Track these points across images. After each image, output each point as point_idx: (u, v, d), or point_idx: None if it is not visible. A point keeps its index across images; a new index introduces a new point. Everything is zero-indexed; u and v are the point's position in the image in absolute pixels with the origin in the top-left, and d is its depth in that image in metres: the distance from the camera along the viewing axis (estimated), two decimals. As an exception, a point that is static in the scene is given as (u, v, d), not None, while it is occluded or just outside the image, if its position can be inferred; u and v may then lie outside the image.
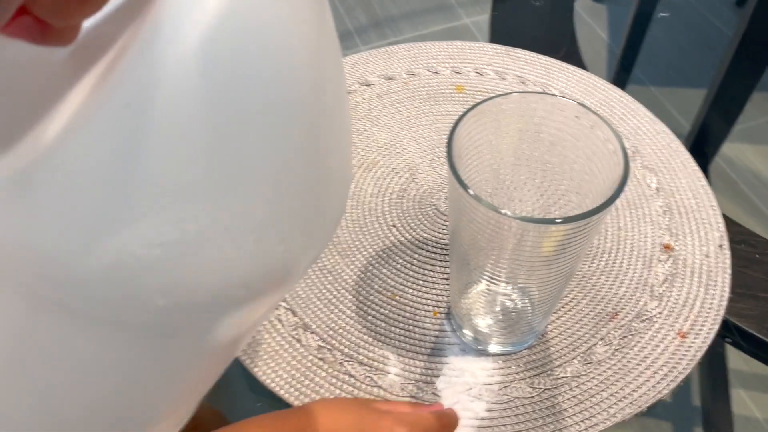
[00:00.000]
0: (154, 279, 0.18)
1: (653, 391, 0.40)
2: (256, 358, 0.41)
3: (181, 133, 0.17)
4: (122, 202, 0.17)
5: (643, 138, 0.53)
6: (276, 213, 0.20)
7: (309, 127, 0.20)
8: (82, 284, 0.18)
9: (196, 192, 0.18)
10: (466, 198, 0.32)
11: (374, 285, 0.45)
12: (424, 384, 0.41)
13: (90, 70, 0.18)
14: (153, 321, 0.19)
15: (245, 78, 0.18)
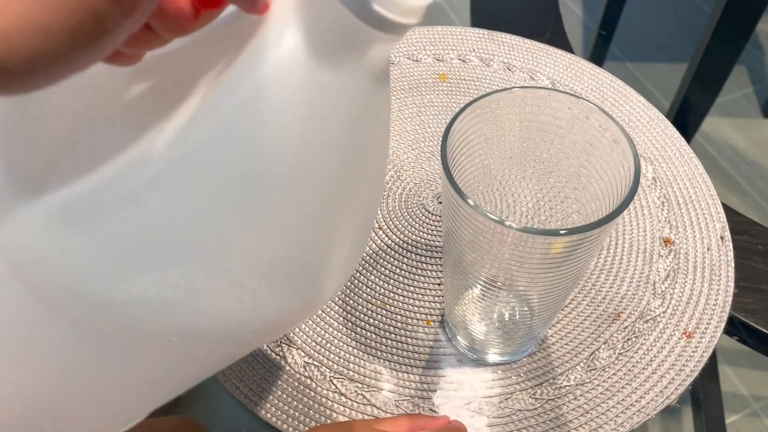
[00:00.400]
0: (171, 318, 0.20)
1: (661, 396, 0.38)
2: (237, 380, 0.38)
3: (222, 195, 0.19)
4: (165, 244, 0.19)
5: (636, 125, 0.51)
6: (293, 272, 0.22)
7: (335, 204, 0.22)
8: (106, 305, 0.19)
9: (227, 249, 0.20)
10: (464, 207, 0.29)
11: (362, 294, 0.42)
12: (420, 399, 0.38)
13: (152, 118, 0.19)
14: (160, 350, 0.22)
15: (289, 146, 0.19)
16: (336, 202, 0.22)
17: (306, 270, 0.23)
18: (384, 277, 0.43)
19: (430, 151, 0.50)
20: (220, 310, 0.21)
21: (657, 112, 0.52)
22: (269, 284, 0.21)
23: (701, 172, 0.48)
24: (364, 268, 0.43)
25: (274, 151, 0.19)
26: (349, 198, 0.22)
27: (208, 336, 0.22)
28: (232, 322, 0.22)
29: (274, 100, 0.19)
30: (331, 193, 0.21)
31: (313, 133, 0.20)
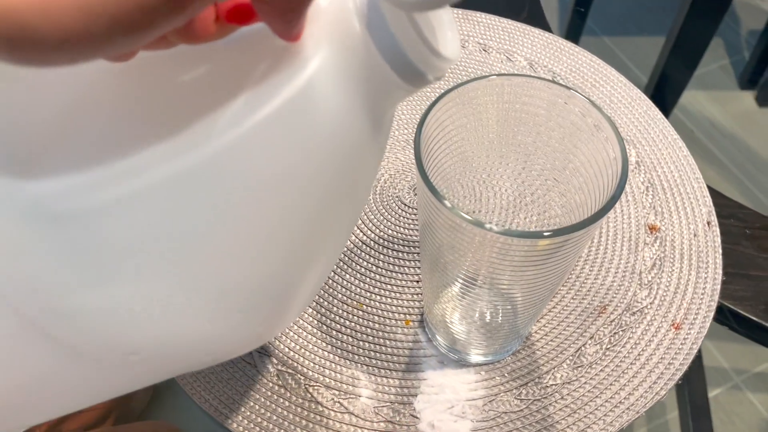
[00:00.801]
0: (131, 335, 0.20)
1: (650, 392, 0.37)
2: (206, 392, 0.36)
3: (215, 219, 0.19)
4: (146, 260, 0.19)
5: (617, 106, 0.49)
6: (270, 297, 0.22)
7: (304, 236, 0.21)
8: (71, 314, 0.19)
9: (210, 273, 0.20)
10: (440, 208, 0.27)
11: (336, 295, 0.40)
12: (400, 405, 0.36)
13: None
14: (118, 362, 0.21)
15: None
16: (319, 231, 0.22)
17: (282, 295, 0.22)
18: (360, 276, 0.41)
19: (405, 140, 0.48)
20: (190, 331, 0.21)
21: (639, 92, 0.50)
22: (244, 308, 0.21)
23: (686, 154, 0.46)
24: (339, 267, 0.41)
25: (274, 180, 0.19)
26: (331, 228, 0.22)
27: (163, 358, 0.21)
28: (198, 343, 0.21)
29: (287, 128, 0.19)
30: (316, 224, 0.21)
31: (314, 168, 0.20)
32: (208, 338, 0.22)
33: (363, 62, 0.19)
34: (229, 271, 0.20)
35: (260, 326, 0.23)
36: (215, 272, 0.20)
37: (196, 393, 0.36)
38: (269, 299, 0.22)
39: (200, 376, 0.37)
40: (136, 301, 0.19)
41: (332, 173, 0.21)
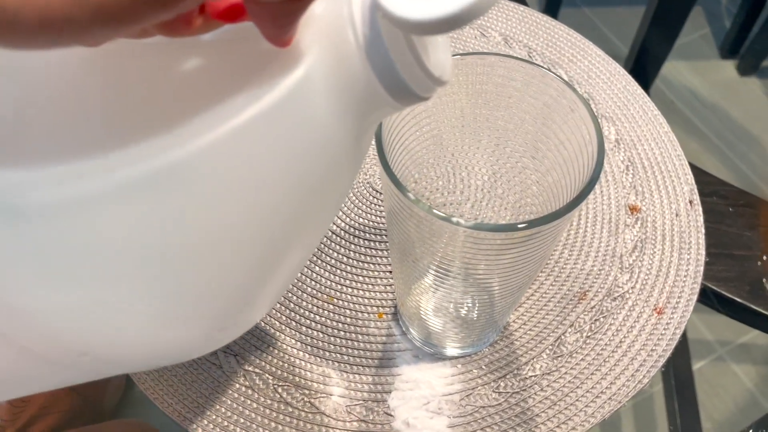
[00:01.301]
0: (84, 337, 0.19)
1: (632, 381, 0.35)
2: (169, 396, 0.34)
3: (188, 226, 0.18)
4: (92, 266, 0.18)
5: (596, 82, 0.47)
6: (233, 306, 0.21)
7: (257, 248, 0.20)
8: (23, 312, 0.18)
9: (174, 279, 0.19)
10: (405, 201, 0.25)
11: (306, 288, 0.38)
12: (373, 403, 0.35)
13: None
14: (69, 361, 0.20)
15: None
16: (286, 240, 0.21)
17: (245, 301, 0.22)
18: (330, 268, 0.39)
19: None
20: (147, 335, 0.20)
21: (617, 66, 0.48)
22: (205, 314, 0.20)
23: (666, 130, 0.45)
24: (308, 259, 0.39)
25: (245, 187, 0.18)
26: (299, 237, 0.21)
27: (124, 357, 0.21)
28: (156, 347, 0.21)
29: (266, 135, 0.18)
30: (284, 233, 0.21)
31: (290, 176, 0.19)
32: (167, 342, 0.21)
33: (353, 75, 0.18)
34: (193, 278, 0.19)
35: (221, 331, 0.22)
36: (177, 278, 0.19)
37: (158, 397, 0.34)
38: (232, 304, 0.21)
39: (162, 380, 0.35)
40: (92, 303, 0.18)
41: (309, 183, 0.20)
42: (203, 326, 0.21)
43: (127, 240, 0.18)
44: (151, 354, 0.21)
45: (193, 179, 0.18)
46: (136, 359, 0.21)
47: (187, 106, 0.18)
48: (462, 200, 0.39)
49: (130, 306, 0.19)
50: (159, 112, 0.18)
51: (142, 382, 0.35)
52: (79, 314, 0.19)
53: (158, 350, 0.21)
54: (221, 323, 0.22)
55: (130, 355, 0.21)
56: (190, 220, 0.18)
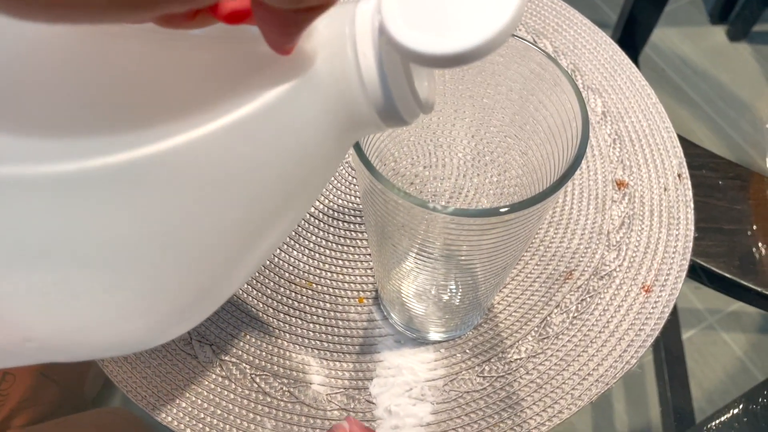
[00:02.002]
0: (30, 324, 0.19)
1: (620, 362, 0.35)
2: (142, 389, 0.33)
3: (157, 218, 0.18)
4: (49, 252, 0.17)
5: (582, 52, 0.46)
6: (198, 298, 0.20)
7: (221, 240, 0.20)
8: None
9: (139, 267, 0.18)
10: (378, 186, 0.24)
11: (283, 274, 0.37)
12: (355, 391, 0.34)
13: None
14: (14, 348, 0.20)
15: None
16: (251, 239, 0.21)
17: (204, 299, 0.21)
18: (308, 252, 0.38)
19: (354, 98, 0.44)
20: (100, 325, 0.19)
21: (604, 35, 0.46)
22: (162, 310, 0.20)
23: (654, 101, 0.43)
24: (285, 244, 0.38)
25: (217, 186, 0.18)
26: (265, 236, 0.21)
27: (74, 345, 0.20)
28: (109, 338, 0.20)
29: (256, 136, 0.18)
30: (251, 232, 0.20)
31: (267, 178, 0.19)
32: (119, 332, 0.20)
33: (347, 93, 0.19)
34: (157, 269, 0.19)
35: (177, 325, 0.22)
36: (141, 269, 0.19)
37: (131, 390, 0.33)
38: (192, 299, 0.21)
39: (136, 372, 0.34)
40: (48, 288, 0.18)
41: (284, 185, 0.20)
42: (160, 317, 0.20)
43: (93, 227, 0.17)
44: (103, 343, 0.21)
45: (170, 172, 0.17)
46: (86, 347, 0.21)
47: (180, 98, 0.18)
48: (444, 176, 0.37)
49: (88, 294, 0.18)
50: (149, 102, 0.17)
51: (115, 375, 0.34)
52: (31, 299, 0.18)
53: (109, 340, 0.20)
54: (178, 316, 0.21)
55: (80, 342, 0.20)
56: (161, 212, 0.18)
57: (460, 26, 0.16)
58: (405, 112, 0.19)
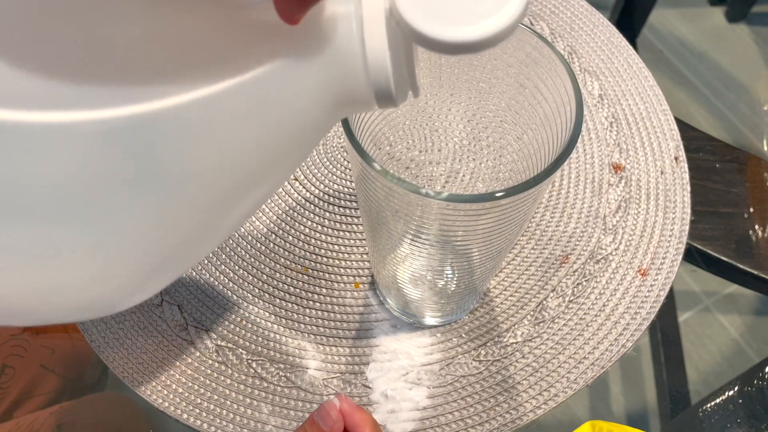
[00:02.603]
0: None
1: (616, 345, 0.35)
2: (139, 375, 0.33)
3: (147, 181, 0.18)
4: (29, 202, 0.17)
5: (579, 35, 0.45)
6: (130, 263, 0.20)
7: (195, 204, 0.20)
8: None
9: (123, 228, 0.18)
10: (371, 172, 0.24)
11: (279, 259, 0.37)
12: (351, 376, 0.34)
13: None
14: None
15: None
16: (235, 204, 0.21)
17: (179, 260, 0.21)
18: (304, 237, 0.38)
19: (349, 82, 0.44)
20: (81, 284, 0.19)
21: (601, 17, 0.46)
22: (139, 272, 0.20)
23: (652, 84, 0.43)
24: (281, 228, 0.38)
25: (206, 151, 0.18)
26: (241, 207, 0.21)
27: (41, 307, 0.20)
28: (74, 299, 0.20)
29: (252, 100, 0.18)
30: (228, 202, 0.20)
31: (260, 142, 0.19)
32: (94, 294, 0.20)
33: (347, 70, 0.19)
34: (132, 230, 0.19)
35: (149, 286, 0.21)
36: (117, 227, 0.18)
37: (128, 376, 0.33)
38: (163, 261, 0.20)
39: (132, 357, 0.34)
40: (17, 247, 0.17)
41: (269, 155, 0.20)
42: (136, 276, 0.20)
43: (78, 183, 0.17)
44: (75, 304, 0.20)
45: (158, 131, 0.17)
46: (56, 310, 0.20)
47: (181, 58, 0.17)
48: (440, 161, 0.37)
49: (68, 252, 0.18)
50: (149, 60, 0.17)
51: (111, 361, 0.34)
52: (5, 257, 0.18)
53: (81, 301, 0.20)
54: (152, 276, 0.21)
55: (52, 305, 0.20)
56: (144, 170, 0.18)
57: (474, 13, 0.17)
58: (400, 95, 0.20)
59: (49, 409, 0.46)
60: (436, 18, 0.17)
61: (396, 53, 0.19)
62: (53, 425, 0.47)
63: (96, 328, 0.35)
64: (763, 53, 1.29)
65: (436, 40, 0.17)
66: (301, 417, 0.33)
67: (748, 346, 1.00)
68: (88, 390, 0.57)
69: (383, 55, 0.18)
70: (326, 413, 0.27)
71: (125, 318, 0.35)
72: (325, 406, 0.27)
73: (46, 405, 0.51)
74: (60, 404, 0.47)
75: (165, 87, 0.17)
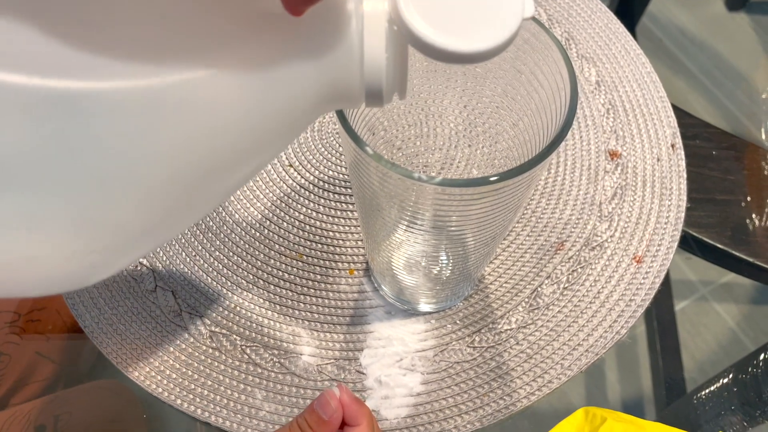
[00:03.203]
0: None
1: (610, 332, 0.35)
2: (133, 361, 0.33)
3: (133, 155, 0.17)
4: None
5: (577, 20, 0.45)
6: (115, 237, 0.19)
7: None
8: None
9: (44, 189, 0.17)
10: (366, 157, 0.24)
11: (273, 246, 0.37)
12: (345, 362, 0.34)
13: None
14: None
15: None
16: (215, 185, 0.20)
17: (153, 234, 0.20)
18: (298, 224, 0.37)
19: (344, 68, 0.43)
20: (57, 256, 0.19)
21: (599, 3, 0.46)
22: (116, 247, 0.19)
23: (649, 71, 0.43)
24: (275, 215, 0.38)
25: (207, 129, 0.18)
26: (224, 185, 0.21)
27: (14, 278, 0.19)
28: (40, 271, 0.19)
29: (246, 84, 0.18)
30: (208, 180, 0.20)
31: (249, 123, 0.19)
32: (68, 266, 0.19)
33: (343, 66, 0.19)
34: (111, 203, 0.18)
35: (119, 264, 0.21)
36: (96, 199, 0.18)
37: (122, 362, 0.33)
38: (138, 235, 0.20)
39: (126, 344, 0.34)
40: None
41: (252, 142, 0.20)
42: (102, 255, 0.20)
43: (66, 153, 0.17)
44: (48, 277, 0.20)
45: (152, 107, 0.17)
46: (26, 282, 0.20)
47: (179, 39, 0.17)
48: (435, 147, 0.37)
49: (49, 223, 0.18)
50: (149, 36, 0.17)
51: (105, 347, 0.34)
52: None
53: (55, 273, 0.19)
54: (121, 254, 0.20)
55: (22, 277, 0.19)
56: (129, 144, 0.17)
57: (475, 23, 0.17)
58: (388, 96, 0.20)
59: (46, 399, 0.46)
60: (437, 25, 0.17)
61: (392, 55, 0.19)
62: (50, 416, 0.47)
63: (90, 314, 0.35)
64: (762, 42, 1.29)
65: (437, 48, 0.17)
66: (294, 403, 0.33)
67: (744, 335, 1.00)
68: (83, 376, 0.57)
69: (380, 56, 0.18)
70: (326, 402, 0.27)
71: (119, 304, 0.35)
72: (325, 395, 0.27)
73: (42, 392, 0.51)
74: (55, 394, 0.47)
75: (152, 64, 0.17)
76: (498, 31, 0.17)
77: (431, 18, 0.17)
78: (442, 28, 0.17)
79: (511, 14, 0.17)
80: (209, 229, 0.37)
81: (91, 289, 0.36)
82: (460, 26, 0.17)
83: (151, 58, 0.17)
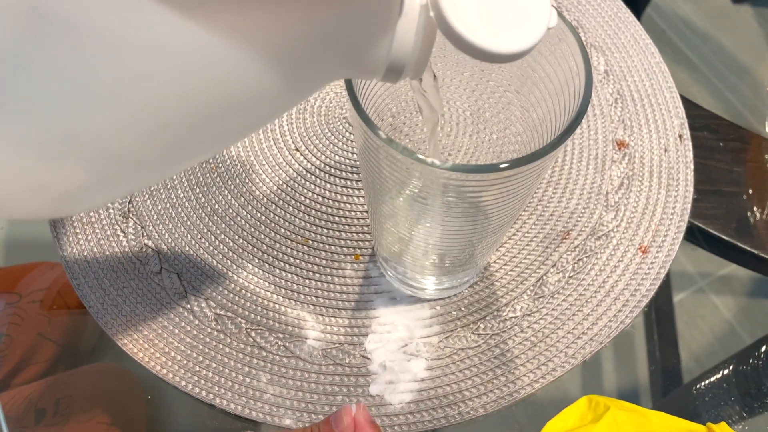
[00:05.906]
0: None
1: (615, 321, 0.35)
2: (137, 341, 0.33)
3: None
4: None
5: (586, 9, 0.45)
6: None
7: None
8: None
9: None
10: (377, 141, 0.23)
11: (279, 230, 0.37)
12: (350, 347, 0.34)
13: None
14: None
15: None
16: (213, 134, 0.19)
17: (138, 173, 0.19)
18: (304, 209, 0.37)
19: (352, 52, 0.43)
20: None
21: (609, -9, 0.45)
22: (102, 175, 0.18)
23: (658, 60, 0.43)
24: (281, 199, 0.38)
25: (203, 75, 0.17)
26: (224, 137, 0.20)
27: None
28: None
29: (269, 41, 0.17)
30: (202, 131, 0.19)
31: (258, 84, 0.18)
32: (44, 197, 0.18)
33: (371, 37, 0.19)
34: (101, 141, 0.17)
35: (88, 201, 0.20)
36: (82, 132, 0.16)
37: (127, 344, 0.33)
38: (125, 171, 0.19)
39: (131, 325, 0.34)
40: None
41: (256, 99, 0.19)
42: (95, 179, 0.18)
43: (58, 75, 0.15)
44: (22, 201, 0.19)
45: (164, 43, 0.16)
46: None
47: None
48: (443, 133, 0.37)
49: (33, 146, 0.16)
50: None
51: (110, 328, 0.34)
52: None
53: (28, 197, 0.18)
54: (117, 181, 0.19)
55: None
56: (131, 76, 0.16)
57: (510, 25, 0.18)
58: (405, 75, 0.20)
59: (46, 381, 0.46)
60: (472, 21, 0.18)
61: (420, 39, 0.19)
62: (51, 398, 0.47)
63: (95, 294, 0.35)
64: (766, 35, 1.28)
65: (468, 43, 0.18)
66: (299, 386, 0.33)
67: (741, 327, 1.01)
68: (84, 357, 0.57)
69: (410, 37, 0.18)
70: (340, 418, 0.27)
71: (124, 285, 0.35)
72: (342, 410, 0.27)
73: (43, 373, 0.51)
74: (56, 376, 0.47)
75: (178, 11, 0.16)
76: (526, 36, 0.18)
77: (466, 12, 0.18)
78: (475, 24, 0.18)
79: (540, 22, 0.18)
80: (215, 212, 0.37)
81: (96, 270, 0.36)
82: (493, 25, 0.18)
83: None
